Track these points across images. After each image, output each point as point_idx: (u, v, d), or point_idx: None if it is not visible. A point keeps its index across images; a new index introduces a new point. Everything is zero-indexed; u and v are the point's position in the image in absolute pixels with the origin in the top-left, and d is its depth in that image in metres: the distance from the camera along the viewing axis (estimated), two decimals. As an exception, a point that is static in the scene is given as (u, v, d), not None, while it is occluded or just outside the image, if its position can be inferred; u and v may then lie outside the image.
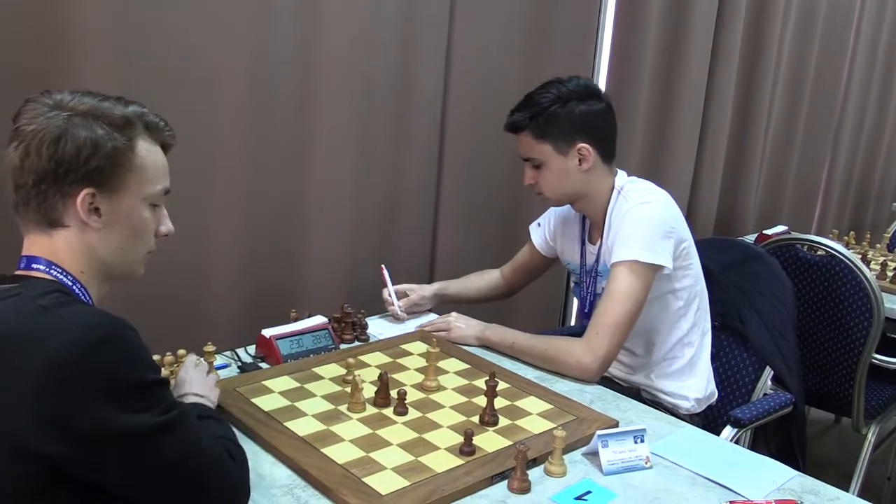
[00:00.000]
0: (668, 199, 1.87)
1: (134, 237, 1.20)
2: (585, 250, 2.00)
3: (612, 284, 1.78)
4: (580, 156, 1.84)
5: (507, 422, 1.55)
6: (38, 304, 1.06)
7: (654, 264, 1.78)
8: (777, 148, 3.84)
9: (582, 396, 1.72)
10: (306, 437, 1.45)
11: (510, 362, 1.87)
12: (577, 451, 1.49)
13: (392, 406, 1.57)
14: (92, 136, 1.13)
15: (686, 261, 1.89)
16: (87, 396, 1.01)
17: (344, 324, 1.94)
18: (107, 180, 1.15)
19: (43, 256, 1.16)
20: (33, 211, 1.15)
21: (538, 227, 2.15)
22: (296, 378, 1.68)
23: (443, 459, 1.40)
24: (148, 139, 1.20)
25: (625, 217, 1.82)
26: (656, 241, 1.79)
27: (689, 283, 1.91)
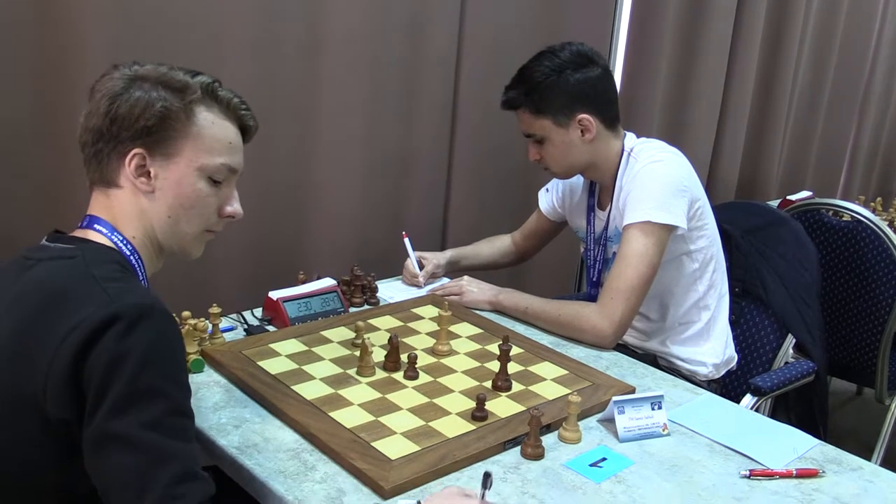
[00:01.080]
0: (680, 158, 1.84)
1: (184, 207, 1.19)
2: (594, 217, 1.98)
3: (625, 247, 1.76)
4: (582, 127, 1.81)
5: (521, 387, 1.55)
6: (90, 273, 1.07)
7: (667, 224, 1.76)
8: (802, 112, 3.78)
9: (598, 363, 1.71)
10: (314, 400, 1.44)
11: (524, 327, 1.86)
12: (593, 418, 1.49)
13: (402, 370, 1.56)
14: (145, 97, 1.15)
15: (701, 221, 1.86)
16: (94, 375, 1.00)
17: (353, 287, 1.93)
18: (158, 142, 1.16)
19: (103, 217, 1.18)
20: (94, 170, 1.18)
21: (546, 193, 2.14)
22: (303, 341, 1.67)
23: (454, 424, 1.40)
24: (215, 111, 1.20)
25: (635, 178, 1.80)
26: (669, 201, 1.76)
27: (704, 244, 1.88)
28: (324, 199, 2.23)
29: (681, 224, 1.77)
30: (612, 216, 1.89)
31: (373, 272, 2.00)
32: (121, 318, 1.00)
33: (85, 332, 1.00)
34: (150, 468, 0.98)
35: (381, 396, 1.48)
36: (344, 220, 2.27)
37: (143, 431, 0.99)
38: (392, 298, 1.98)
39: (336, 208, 2.25)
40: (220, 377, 1.55)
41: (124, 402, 0.99)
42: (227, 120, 1.21)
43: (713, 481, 1.33)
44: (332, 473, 1.27)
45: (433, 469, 1.27)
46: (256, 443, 1.33)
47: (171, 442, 1.00)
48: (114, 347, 0.99)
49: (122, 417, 0.98)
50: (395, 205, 2.39)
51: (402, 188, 2.40)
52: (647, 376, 1.68)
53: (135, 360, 0.99)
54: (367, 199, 2.31)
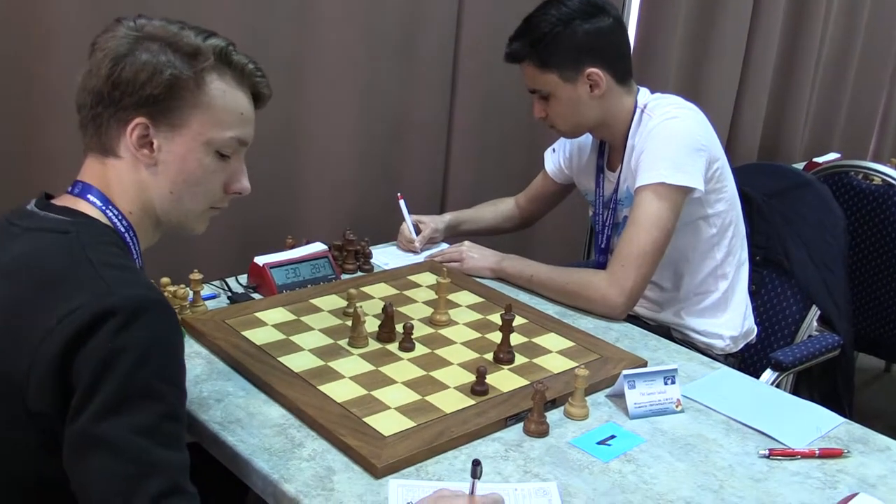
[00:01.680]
0: (697, 114, 1.82)
1: (188, 184, 1.16)
2: (603, 179, 1.96)
3: (637, 211, 1.74)
4: (590, 82, 1.78)
5: (524, 360, 1.54)
6: (86, 255, 1.05)
7: (683, 186, 1.73)
8: (831, 69, 3.74)
9: (607, 334, 1.70)
10: (302, 373, 1.44)
11: (528, 296, 1.85)
12: (601, 393, 1.48)
13: (397, 341, 1.56)
14: (153, 61, 1.11)
15: (719, 183, 1.84)
16: (85, 371, 0.97)
17: (346, 252, 1.92)
18: (164, 112, 1.12)
19: (97, 187, 1.15)
20: (91, 135, 1.15)
21: (552, 153, 2.12)
22: (291, 310, 1.67)
23: (452, 399, 1.39)
24: (228, 79, 1.16)
25: (649, 136, 1.77)
26: (685, 161, 1.74)
27: (722, 208, 1.86)
28: (315, 160, 2.21)
29: (697, 186, 1.75)
30: (623, 177, 1.87)
31: (366, 237, 1.98)
32: (118, 311, 0.97)
33: (78, 323, 0.97)
34: (137, 479, 0.96)
35: (375, 369, 1.47)
36: (336, 181, 2.26)
37: (133, 437, 0.96)
38: (387, 265, 1.97)
39: (328, 169, 2.24)
40: (202, 348, 1.54)
41: (115, 402, 0.96)
42: (240, 88, 1.17)
43: (730, 461, 1.32)
44: (320, 451, 1.27)
45: (429, 446, 1.27)
46: (240, 418, 1.33)
47: (162, 451, 0.98)
48: (109, 343, 0.97)
49: (111, 419, 0.96)
50: (392, 166, 2.38)
51: (399, 149, 2.38)
52: (659, 349, 1.67)
53: (131, 358, 0.97)
54: (361, 159, 2.29)
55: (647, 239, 1.72)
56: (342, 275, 1.88)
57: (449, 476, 1.23)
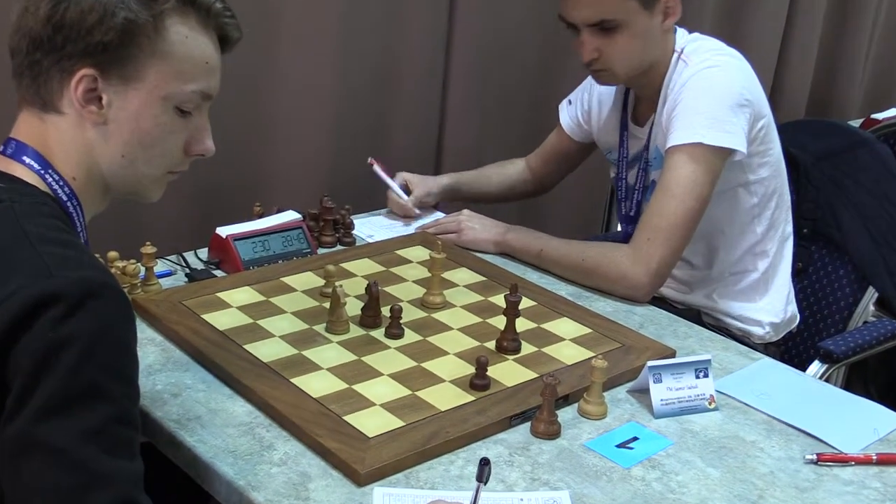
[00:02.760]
0: (741, 62, 1.81)
1: (143, 145, 1.14)
2: (627, 135, 1.95)
3: (668, 175, 1.74)
4: (667, 8, 1.78)
5: (532, 349, 1.54)
6: (21, 229, 1.03)
7: (723, 147, 1.73)
8: (894, 10, 3.73)
9: (629, 319, 1.70)
10: (272, 363, 1.44)
11: (538, 274, 1.85)
12: (622, 388, 1.49)
13: (383, 326, 1.56)
14: (103, 1, 1.08)
15: (764, 145, 1.84)
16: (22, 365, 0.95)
17: (323, 222, 1.92)
18: (115, 62, 1.10)
19: (34, 147, 1.13)
20: (27, 86, 1.13)
21: (568, 106, 2.11)
22: (260, 290, 1.67)
23: (448, 395, 1.40)
24: (192, 22, 1.14)
25: (685, 87, 1.77)
26: (726, 118, 1.73)
27: (766, 173, 1.86)
28: (287, 114, 2.20)
29: (739, 147, 1.74)
30: (654, 134, 1.86)
31: (347, 204, 1.98)
32: (61, 297, 0.96)
33: (14, 310, 0.95)
34: (80, 492, 0.95)
35: (357, 359, 1.47)
36: (312, 140, 2.25)
37: (79, 443, 0.95)
38: (371, 237, 1.97)
39: (302, 125, 2.23)
40: (155, 333, 1.54)
41: (59, 402, 0.95)
42: (205, 33, 1.15)
43: (771, 467, 1.33)
44: (293, 454, 1.27)
45: (420, 449, 1.27)
46: (200, 415, 1.33)
47: (110, 460, 0.97)
48: (51, 334, 0.95)
49: (53, 422, 0.95)
50: (376, 122, 2.37)
51: (385, 102, 2.37)
52: (690, 336, 1.67)
53: (76, 350, 0.96)
54: (340, 114, 2.28)
55: (679, 208, 1.72)
56: (319, 249, 1.88)
57: (443, 484, 1.23)
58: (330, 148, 2.29)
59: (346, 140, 2.31)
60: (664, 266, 1.74)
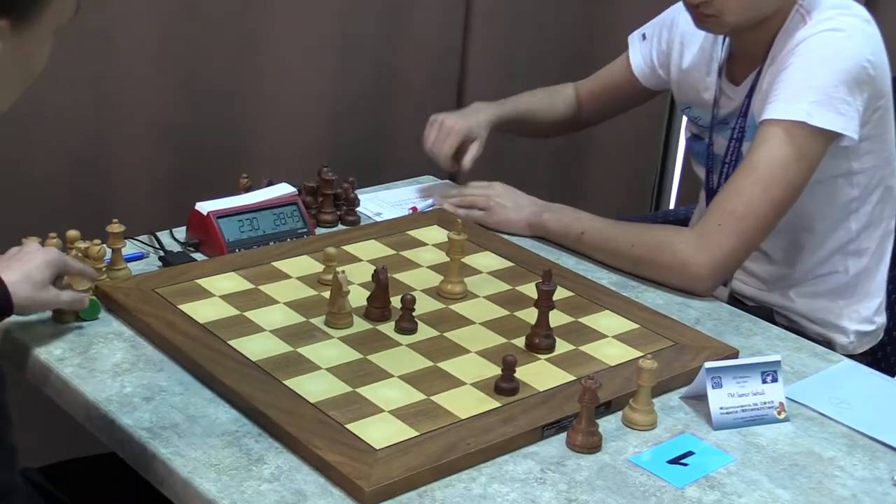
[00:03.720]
0: (871, 29, 1.78)
1: (26, 81, 1.16)
2: (720, 95, 1.93)
3: (758, 153, 1.72)
4: None
5: (569, 346, 1.55)
6: None
7: (829, 131, 1.71)
8: None
9: (684, 313, 1.70)
10: (262, 362, 1.44)
11: (576, 259, 1.85)
12: (674, 393, 1.49)
13: (392, 320, 1.57)
14: None
15: (878, 129, 1.81)
16: None
17: (322, 197, 1.92)
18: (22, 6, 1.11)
19: None
20: None
21: (641, 42, 2.07)
22: (247, 276, 1.67)
23: (469, 400, 1.40)
24: None
25: (798, 49, 1.74)
26: (840, 96, 1.71)
27: (872, 163, 1.84)
28: (280, 68, 2.21)
29: (849, 133, 1.72)
30: (755, 98, 1.83)
31: (351, 176, 1.98)
32: None
33: None
34: None
35: (362, 358, 1.48)
36: (310, 101, 2.25)
37: None
38: (379, 215, 1.98)
39: (299, 85, 2.24)
40: (124, 327, 1.55)
41: None
42: None
43: (853, 489, 1.32)
44: (287, 469, 1.27)
45: (436, 464, 1.27)
46: (177, 423, 1.33)
47: None
48: None
49: None
50: (387, 77, 2.37)
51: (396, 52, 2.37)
52: (756, 334, 1.67)
53: None
54: (345, 68, 2.29)
55: (763, 196, 1.71)
56: (317, 228, 1.89)
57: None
58: (330, 109, 2.30)
59: (349, 100, 2.31)
60: (733, 259, 1.73)
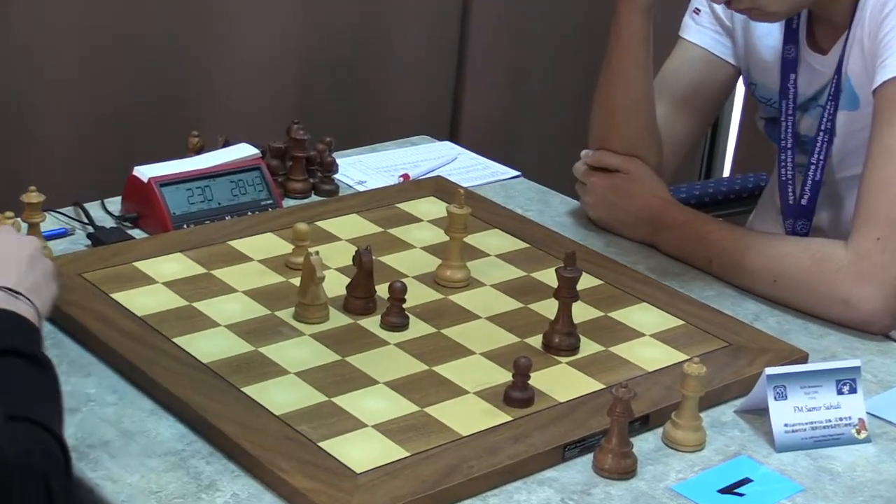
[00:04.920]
0: None
1: None
2: (798, 66, 1.93)
3: (888, 129, 1.72)
4: None
5: (596, 347, 1.55)
6: None
7: None
8: None
9: (741, 306, 1.71)
10: (215, 365, 1.44)
11: (606, 238, 1.86)
12: (727, 406, 1.49)
13: (378, 313, 1.57)
14: None
15: None
16: None
17: (292, 160, 1.93)
18: None
19: None
20: None
21: (695, 17, 2.06)
22: (198, 258, 1.68)
23: (472, 413, 1.40)
24: None
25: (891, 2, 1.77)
26: None
27: None
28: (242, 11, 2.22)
29: None
30: (848, 62, 1.85)
31: (328, 136, 1.99)
32: None
33: None
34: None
35: (340, 360, 1.48)
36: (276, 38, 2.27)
37: None
38: (363, 184, 1.99)
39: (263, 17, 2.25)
40: (44, 320, 1.54)
41: None
42: None
43: (948, 525, 1.33)
44: (246, 497, 1.27)
45: (432, 491, 1.27)
46: (108, 440, 1.33)
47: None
48: None
49: None
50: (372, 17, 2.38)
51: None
52: (830, 333, 1.68)
53: None
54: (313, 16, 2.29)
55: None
56: (285, 200, 1.89)
57: (465, 542, 1.23)
58: (302, 52, 2.31)
59: (326, 42, 2.32)
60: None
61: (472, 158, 2.20)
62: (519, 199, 2.03)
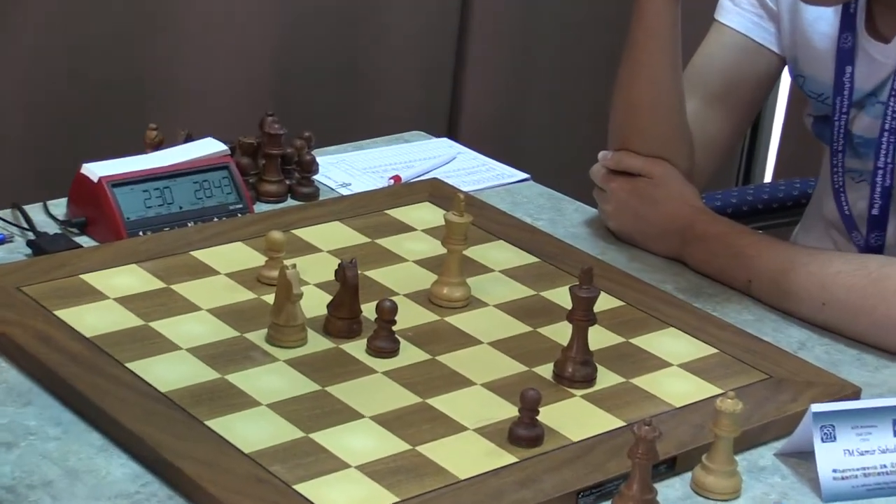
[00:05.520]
0: None
1: None
2: (854, 58, 1.94)
3: None
4: None
5: (616, 378, 1.56)
6: None
7: None
8: None
9: (783, 332, 1.72)
10: (175, 395, 1.44)
11: (629, 252, 1.87)
12: (766, 448, 1.49)
13: (364, 336, 1.57)
14: None
15: None
16: None
17: (265, 159, 1.94)
18: None
19: None
20: None
21: (734, 3, 2.08)
22: (156, 271, 1.68)
23: (472, 453, 1.40)
24: None
25: None
26: None
27: None
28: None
29: None
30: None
31: (307, 130, 2.00)
32: None
33: None
34: None
35: (320, 390, 1.48)
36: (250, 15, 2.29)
37: None
38: (348, 187, 2.00)
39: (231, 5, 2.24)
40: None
41: None
42: None
43: None
44: (208, 547, 1.27)
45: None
46: (50, 480, 1.33)
47: None
48: None
49: None
50: None
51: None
52: (888, 366, 1.68)
53: None
54: None
55: None
56: (257, 204, 1.90)
57: None
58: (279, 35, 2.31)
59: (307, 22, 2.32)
60: None
61: (474, 158, 2.21)
62: (528, 206, 2.04)
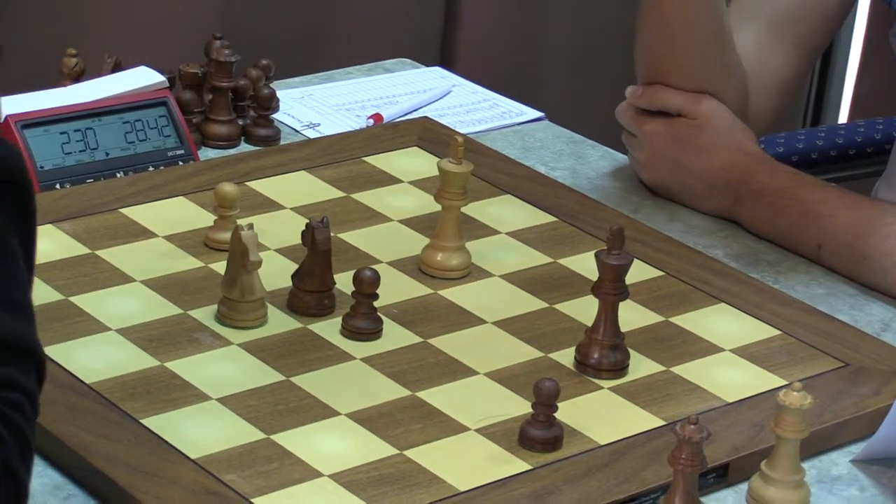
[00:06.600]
0: None
1: None
2: None
3: None
4: None
5: (654, 367, 1.57)
6: None
7: None
8: None
9: (862, 310, 1.74)
10: (102, 386, 1.46)
11: (670, 211, 1.89)
12: (841, 453, 1.51)
13: (339, 314, 1.59)
14: None
15: None
16: None
17: (213, 92, 1.96)
18: None
19: None
20: None
21: None
22: (77, 232, 1.70)
23: (474, 458, 1.41)
24: None
25: None
26: None
27: None
28: None
29: None
30: None
31: (266, 58, 2.02)
32: None
33: None
34: None
35: (284, 380, 1.50)
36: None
37: None
38: (317, 128, 2.03)
39: None
40: None
41: None
42: None
43: None
44: (148, 574, 1.29)
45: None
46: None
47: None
48: None
49: None
50: None
51: None
52: None
53: None
54: None
55: None
56: (202, 149, 1.92)
57: None
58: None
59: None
60: None
61: (474, 93, 2.21)
62: (542, 153, 2.05)
